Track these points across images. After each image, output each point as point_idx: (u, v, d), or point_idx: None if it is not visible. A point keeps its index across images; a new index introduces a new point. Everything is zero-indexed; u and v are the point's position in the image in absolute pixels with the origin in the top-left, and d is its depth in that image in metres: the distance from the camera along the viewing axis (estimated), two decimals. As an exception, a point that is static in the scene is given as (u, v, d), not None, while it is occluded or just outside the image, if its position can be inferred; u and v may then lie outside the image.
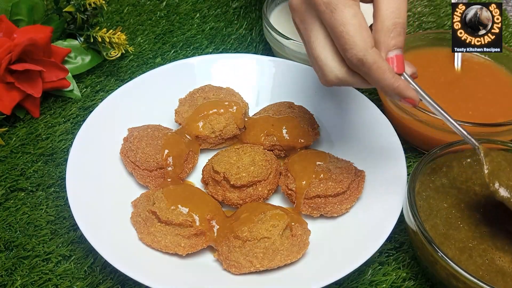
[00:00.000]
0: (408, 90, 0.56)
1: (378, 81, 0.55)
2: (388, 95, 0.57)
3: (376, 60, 0.54)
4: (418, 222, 0.60)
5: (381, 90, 0.57)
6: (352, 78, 0.57)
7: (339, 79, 0.57)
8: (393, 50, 0.56)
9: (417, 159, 0.81)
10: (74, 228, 0.70)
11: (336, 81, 0.58)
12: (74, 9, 0.90)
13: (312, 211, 0.69)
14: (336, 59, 0.57)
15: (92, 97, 0.89)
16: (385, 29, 0.56)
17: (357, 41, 0.54)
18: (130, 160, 0.73)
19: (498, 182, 0.60)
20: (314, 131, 0.78)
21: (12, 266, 0.66)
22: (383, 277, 0.66)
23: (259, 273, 0.62)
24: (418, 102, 0.58)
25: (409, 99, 0.57)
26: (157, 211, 0.65)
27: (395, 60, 0.56)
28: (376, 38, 0.56)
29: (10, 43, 0.80)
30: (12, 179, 0.76)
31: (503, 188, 0.60)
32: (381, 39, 0.56)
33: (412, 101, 0.57)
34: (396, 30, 0.56)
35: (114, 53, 0.92)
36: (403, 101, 0.57)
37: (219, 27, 1.04)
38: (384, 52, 0.56)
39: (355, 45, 0.54)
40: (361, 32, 0.54)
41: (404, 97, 0.57)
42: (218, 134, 0.76)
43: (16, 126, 0.84)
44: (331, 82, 0.58)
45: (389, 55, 0.56)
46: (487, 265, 0.60)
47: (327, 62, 0.57)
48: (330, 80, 0.58)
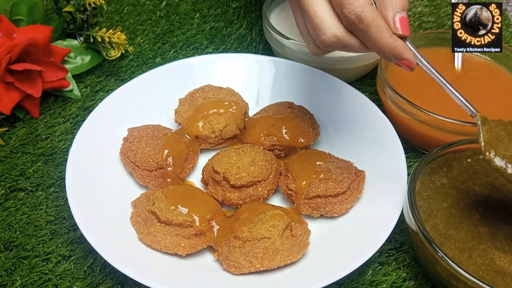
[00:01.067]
0: (406, 51, 0.55)
1: (375, 40, 0.54)
2: (385, 56, 0.56)
3: (375, 18, 0.53)
4: (418, 222, 0.60)
5: (378, 52, 0.55)
6: (350, 39, 0.55)
7: (337, 38, 0.55)
8: (400, 12, 0.55)
9: (417, 159, 0.81)
10: (74, 228, 0.70)
11: (333, 40, 0.55)
12: (74, 9, 0.90)
13: (312, 211, 0.69)
14: (333, 17, 0.55)
15: (92, 97, 0.89)
16: None
17: None
18: (130, 160, 0.73)
19: (494, 152, 0.59)
20: (314, 131, 0.78)
21: (12, 266, 0.66)
22: (383, 277, 0.66)
23: (259, 273, 0.62)
24: (415, 65, 0.56)
25: (406, 61, 0.55)
26: (157, 211, 0.65)
27: (401, 22, 0.55)
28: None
29: (10, 43, 0.80)
30: (12, 179, 0.76)
31: (498, 157, 0.59)
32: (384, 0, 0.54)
33: (409, 63, 0.56)
34: None
35: (114, 53, 0.91)
36: (400, 64, 0.56)
37: (219, 27, 1.04)
38: (392, 14, 0.54)
39: (354, 0, 0.52)
40: None
41: (401, 58, 0.55)
42: (218, 134, 0.76)
43: (16, 126, 0.84)
44: (329, 41, 0.56)
45: (396, 16, 0.55)
46: (487, 265, 0.60)
47: (325, 19, 0.55)
48: (328, 39, 0.56)
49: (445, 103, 0.80)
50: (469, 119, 0.74)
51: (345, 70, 0.88)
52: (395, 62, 0.56)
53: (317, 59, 0.85)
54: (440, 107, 0.78)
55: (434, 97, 0.80)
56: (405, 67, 0.56)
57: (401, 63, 0.56)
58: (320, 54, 0.60)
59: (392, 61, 0.56)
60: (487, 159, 0.59)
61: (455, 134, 0.74)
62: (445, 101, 0.80)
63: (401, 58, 0.55)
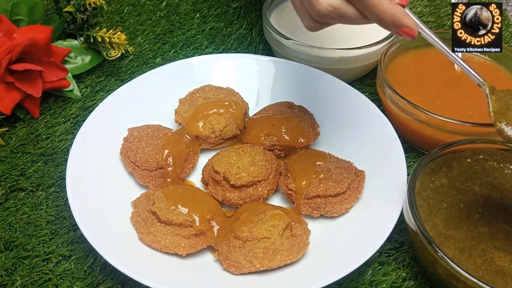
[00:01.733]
0: (406, 17, 0.53)
1: (374, 6, 0.52)
2: (384, 23, 0.54)
3: None
4: (418, 222, 0.60)
5: (376, 19, 0.53)
6: (347, 7, 0.53)
7: (333, 7, 0.53)
8: None
9: (417, 159, 0.81)
10: (74, 228, 0.70)
11: (329, 9, 0.53)
12: (74, 9, 0.90)
13: (312, 211, 0.69)
14: None
15: (92, 97, 0.89)
16: None
17: None
18: (130, 160, 0.73)
19: (505, 121, 0.59)
20: (314, 131, 0.78)
21: (12, 266, 0.66)
22: (383, 277, 0.66)
23: (259, 273, 0.62)
24: (416, 32, 0.54)
25: (407, 28, 0.54)
26: (157, 211, 0.65)
27: None
28: None
29: (10, 43, 0.80)
30: (12, 179, 0.76)
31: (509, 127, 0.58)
32: None
33: (409, 31, 0.54)
34: None
35: (114, 53, 0.92)
36: (401, 32, 0.54)
37: (219, 27, 1.04)
38: None
39: None
40: None
41: (401, 25, 0.53)
42: (218, 134, 0.76)
43: (16, 126, 0.84)
44: (323, 12, 0.53)
45: None
46: (487, 265, 0.60)
47: None
48: (323, 8, 0.53)
49: (445, 103, 0.80)
50: (469, 119, 0.74)
51: (345, 70, 0.88)
52: (395, 31, 0.54)
53: (317, 59, 0.85)
54: (440, 107, 0.78)
55: (434, 97, 0.80)
56: (406, 35, 0.54)
57: (401, 31, 0.54)
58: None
59: (392, 29, 0.54)
60: (498, 129, 0.58)
61: (455, 134, 0.74)
62: (445, 101, 0.80)
63: (401, 25, 0.53)
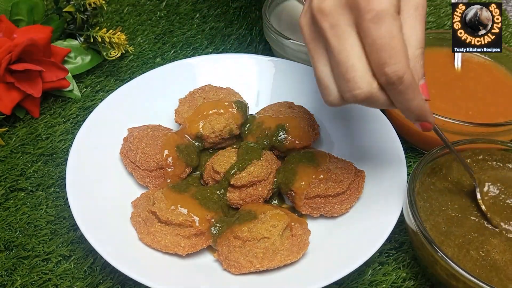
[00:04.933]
0: (431, 114, 0.57)
1: (410, 101, 0.54)
2: (412, 116, 0.56)
3: (413, 80, 0.52)
4: (418, 222, 0.60)
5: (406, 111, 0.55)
6: (381, 96, 0.54)
7: (370, 94, 0.53)
8: (422, 78, 0.56)
9: (417, 159, 0.81)
10: (74, 228, 0.70)
11: (367, 96, 0.54)
12: (74, 9, 0.90)
13: (312, 211, 0.69)
14: (370, 72, 0.53)
15: (92, 97, 0.89)
16: (414, 57, 0.54)
17: (401, 57, 0.51)
18: (130, 160, 0.73)
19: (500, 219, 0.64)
20: (314, 131, 0.78)
21: (12, 266, 0.66)
22: (383, 277, 0.66)
23: (259, 273, 0.62)
24: (432, 128, 0.58)
25: (428, 123, 0.57)
26: (157, 211, 0.65)
27: (424, 89, 0.56)
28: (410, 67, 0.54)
29: (10, 43, 0.80)
30: (12, 179, 0.76)
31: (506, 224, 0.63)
32: (413, 65, 0.54)
33: (429, 125, 0.57)
34: (422, 58, 0.55)
35: (114, 53, 0.92)
36: (420, 125, 0.57)
37: (219, 27, 1.04)
38: (417, 80, 0.55)
39: (399, 61, 0.51)
40: (405, 49, 0.52)
41: (426, 120, 0.56)
42: (218, 134, 0.76)
43: (16, 126, 0.84)
44: (361, 98, 0.54)
45: (420, 83, 0.55)
46: (483, 259, 0.60)
47: (362, 74, 0.53)
48: (363, 95, 0.53)
49: (445, 103, 0.80)
50: (469, 119, 0.74)
51: (345, 70, 0.88)
52: (415, 123, 0.57)
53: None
54: (440, 107, 0.78)
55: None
56: (422, 127, 0.58)
57: (423, 125, 0.57)
58: (339, 105, 0.58)
59: (413, 120, 0.57)
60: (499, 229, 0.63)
61: (455, 134, 0.74)
62: (445, 101, 0.80)
63: (425, 120, 0.56)
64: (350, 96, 0.54)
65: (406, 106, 0.54)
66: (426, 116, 0.56)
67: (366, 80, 0.53)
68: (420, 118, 0.56)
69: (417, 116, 0.56)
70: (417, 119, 0.56)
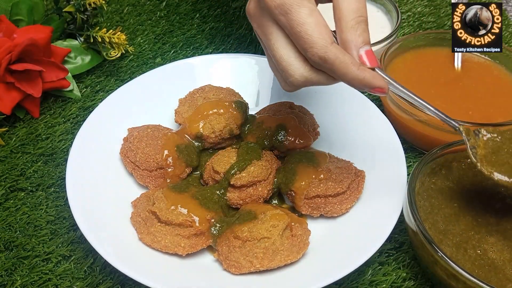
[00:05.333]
0: (375, 79, 0.56)
1: (343, 75, 0.55)
2: (355, 87, 0.57)
3: (338, 55, 0.54)
4: (418, 222, 0.60)
5: (348, 84, 0.57)
6: (318, 76, 0.57)
7: (305, 78, 0.57)
8: (363, 47, 0.56)
9: (417, 159, 0.81)
10: (74, 228, 0.70)
11: (302, 80, 0.57)
12: (74, 9, 0.90)
13: (312, 211, 0.69)
14: (299, 58, 0.57)
15: (92, 97, 0.89)
16: (350, 27, 0.55)
17: (316, 39, 0.54)
18: (130, 160, 0.73)
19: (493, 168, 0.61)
20: (314, 131, 0.78)
21: (12, 266, 0.66)
22: (383, 277, 0.66)
23: (259, 273, 0.62)
24: (387, 90, 0.57)
25: (377, 89, 0.56)
26: (157, 211, 0.65)
27: (367, 56, 0.56)
28: (343, 38, 0.56)
29: (10, 43, 0.80)
30: (12, 179, 0.76)
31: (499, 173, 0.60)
32: (348, 38, 0.55)
33: (381, 90, 0.57)
34: (361, 27, 0.56)
35: (114, 53, 0.92)
36: (373, 92, 0.57)
37: (219, 27, 1.04)
38: (356, 50, 0.56)
39: (314, 44, 0.54)
40: (319, 30, 0.54)
41: (372, 87, 0.56)
42: (218, 134, 0.76)
43: (16, 126, 0.84)
44: (297, 82, 0.58)
45: (360, 52, 0.56)
46: (480, 259, 0.60)
47: (291, 62, 0.57)
48: (296, 80, 0.57)
49: (445, 103, 0.80)
50: (469, 119, 0.74)
51: (345, 70, 0.88)
52: (368, 91, 0.57)
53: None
54: (440, 107, 0.78)
55: (434, 97, 0.80)
56: (378, 93, 0.57)
57: (374, 90, 0.57)
58: (291, 90, 0.61)
59: (365, 90, 0.57)
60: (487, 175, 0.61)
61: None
62: (445, 101, 0.80)
63: (371, 87, 0.56)
64: (289, 83, 0.59)
65: (345, 80, 0.56)
66: (369, 84, 0.56)
67: (296, 67, 0.57)
68: (365, 87, 0.56)
69: (360, 86, 0.56)
70: (362, 88, 0.57)
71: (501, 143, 0.61)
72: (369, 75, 0.55)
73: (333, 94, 0.82)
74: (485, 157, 0.61)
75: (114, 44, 0.91)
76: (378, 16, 0.96)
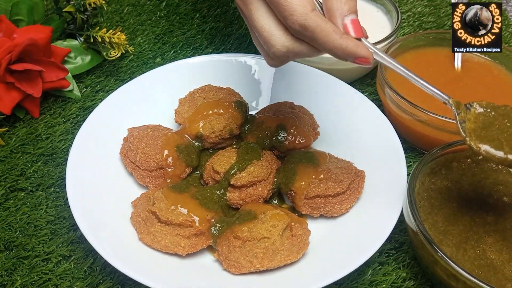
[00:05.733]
0: (359, 48, 0.54)
1: (325, 44, 0.54)
2: (338, 57, 0.55)
3: (319, 23, 0.53)
4: (418, 222, 0.60)
5: (330, 54, 0.55)
6: (300, 46, 0.56)
7: (287, 48, 0.56)
8: (348, 15, 0.55)
9: (417, 159, 0.81)
10: (74, 228, 0.70)
11: (284, 51, 0.56)
12: (74, 9, 0.90)
13: (312, 211, 0.69)
14: (280, 28, 0.56)
15: (92, 97, 0.89)
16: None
17: (296, 6, 0.53)
18: (130, 160, 0.73)
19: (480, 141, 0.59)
20: (314, 131, 0.78)
21: (12, 266, 0.66)
22: (383, 277, 0.66)
23: (259, 273, 0.62)
24: (371, 60, 0.55)
25: (361, 58, 0.55)
26: (157, 211, 0.65)
27: (352, 25, 0.55)
28: (328, 6, 0.55)
29: (10, 43, 0.80)
30: (12, 179, 0.76)
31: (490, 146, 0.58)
32: (333, 6, 0.54)
33: (364, 59, 0.55)
34: None
35: (114, 53, 0.92)
36: (357, 62, 0.55)
37: (219, 27, 1.04)
38: (340, 19, 0.54)
39: (294, 11, 0.53)
40: None
41: (356, 56, 0.54)
42: (218, 134, 0.76)
43: (16, 126, 0.84)
44: (279, 53, 0.56)
45: (345, 21, 0.55)
46: (480, 258, 0.60)
47: (272, 31, 0.56)
48: (278, 50, 0.56)
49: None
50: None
51: (345, 70, 0.88)
52: (351, 61, 0.55)
53: (317, 59, 0.85)
54: (440, 107, 0.78)
55: (434, 97, 0.80)
56: (362, 63, 0.55)
57: (358, 60, 0.55)
58: (276, 65, 0.60)
59: (349, 60, 0.55)
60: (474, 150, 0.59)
61: (455, 134, 0.73)
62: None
63: (355, 56, 0.54)
64: (272, 55, 0.57)
65: (327, 49, 0.54)
66: (352, 53, 0.54)
67: (277, 37, 0.56)
68: (348, 57, 0.55)
69: (343, 55, 0.55)
70: (345, 58, 0.55)
71: (493, 119, 0.60)
72: (352, 44, 0.54)
73: (333, 94, 0.82)
74: (474, 131, 0.59)
75: (114, 44, 0.91)
76: (378, 16, 0.96)
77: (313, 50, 0.56)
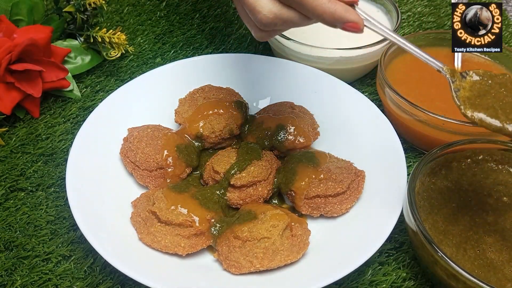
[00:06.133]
0: (348, 13, 0.53)
1: (313, 9, 0.52)
2: (327, 22, 0.54)
3: None
4: (418, 222, 0.60)
5: (319, 20, 0.54)
6: (288, 12, 0.54)
7: (274, 14, 0.54)
8: None
9: (417, 159, 0.81)
10: (74, 228, 0.70)
11: (271, 17, 0.54)
12: (74, 9, 0.90)
13: (312, 211, 0.69)
14: None
15: (92, 97, 0.89)
16: None
17: None
18: (130, 160, 0.73)
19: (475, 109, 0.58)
20: (314, 131, 0.78)
21: (12, 266, 0.66)
22: (383, 277, 0.66)
23: (259, 273, 0.62)
24: (362, 26, 0.54)
25: (350, 23, 0.53)
26: (157, 211, 0.65)
27: None
28: None
29: (10, 43, 0.80)
30: (12, 179, 0.76)
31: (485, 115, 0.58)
32: None
33: (354, 24, 0.53)
34: None
35: (114, 53, 0.92)
36: (346, 27, 0.54)
37: (219, 27, 1.04)
38: None
39: None
40: None
41: (344, 21, 0.53)
42: (218, 134, 0.76)
43: (16, 126, 0.84)
44: (267, 20, 0.55)
45: None
46: (480, 258, 0.60)
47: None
48: (265, 17, 0.54)
49: (445, 103, 0.80)
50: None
51: (345, 70, 0.88)
52: (340, 27, 0.54)
53: (317, 59, 0.85)
54: (440, 107, 0.78)
55: (434, 97, 0.80)
56: (352, 29, 0.54)
57: (347, 26, 0.53)
58: (264, 37, 0.58)
59: (338, 27, 0.54)
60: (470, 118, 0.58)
61: (455, 134, 0.74)
62: (445, 101, 0.80)
63: (344, 21, 0.53)
64: (258, 23, 0.56)
65: (315, 15, 0.53)
66: (341, 17, 0.53)
67: (263, 2, 0.54)
68: (338, 21, 0.53)
69: (332, 20, 0.53)
70: (333, 24, 0.54)
71: (489, 87, 0.59)
72: (341, 8, 0.52)
73: (333, 94, 0.82)
74: (469, 99, 0.58)
75: (114, 44, 0.91)
76: (378, 16, 0.96)
77: (301, 17, 0.55)
